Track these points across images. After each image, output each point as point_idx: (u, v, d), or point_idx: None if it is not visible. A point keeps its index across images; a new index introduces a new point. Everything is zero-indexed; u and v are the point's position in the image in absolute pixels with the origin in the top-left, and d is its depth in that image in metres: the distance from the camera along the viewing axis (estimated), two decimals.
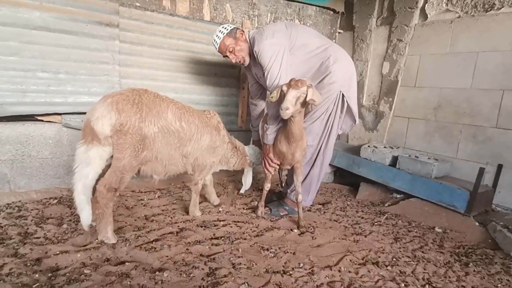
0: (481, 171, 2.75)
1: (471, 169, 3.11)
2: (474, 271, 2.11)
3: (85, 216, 1.93)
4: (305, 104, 2.12)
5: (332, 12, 4.36)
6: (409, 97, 3.73)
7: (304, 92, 2.08)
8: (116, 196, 2.07)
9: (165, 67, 3.21)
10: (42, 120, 2.70)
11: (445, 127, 3.42)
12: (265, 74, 2.42)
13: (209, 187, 2.82)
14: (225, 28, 2.52)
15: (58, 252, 1.87)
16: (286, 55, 2.41)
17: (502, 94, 2.99)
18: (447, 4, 3.34)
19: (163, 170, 2.29)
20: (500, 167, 2.98)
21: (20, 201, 2.53)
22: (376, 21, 4.03)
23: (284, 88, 2.13)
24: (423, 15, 3.55)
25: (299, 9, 4.04)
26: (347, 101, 2.61)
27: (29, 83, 2.58)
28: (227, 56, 2.60)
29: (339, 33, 4.50)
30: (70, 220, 2.30)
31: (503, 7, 2.97)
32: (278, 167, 2.63)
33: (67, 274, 1.69)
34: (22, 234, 2.04)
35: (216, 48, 2.58)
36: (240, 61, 2.60)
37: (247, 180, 2.85)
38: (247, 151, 2.81)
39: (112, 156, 2.02)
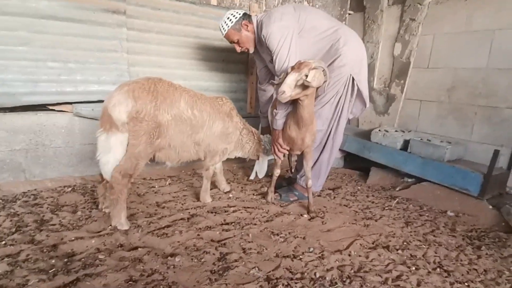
0: (496, 154, 2.69)
1: (486, 152, 3.04)
2: (486, 254, 2.10)
3: None
4: (306, 87, 2.05)
5: None
6: (421, 79, 3.64)
7: (306, 75, 2.01)
8: (130, 183, 2.12)
9: (173, 54, 3.20)
10: (54, 110, 2.74)
11: (459, 109, 3.34)
12: (274, 57, 2.39)
13: (218, 176, 2.84)
14: (230, 20, 2.51)
15: (73, 238, 1.92)
16: (294, 38, 2.37)
17: None
18: None
19: (176, 157, 2.35)
20: None
21: (35, 189, 2.59)
22: (388, 0, 3.90)
23: (289, 71, 2.09)
24: None
25: None
26: (357, 85, 2.56)
27: (40, 73, 2.60)
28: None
29: (349, 14, 4.38)
30: (84, 208, 2.35)
31: None
32: (287, 152, 2.62)
33: (83, 259, 1.74)
34: (38, 221, 2.10)
35: (222, 35, 2.62)
36: (244, 51, 2.68)
37: (262, 168, 2.85)
38: (262, 138, 2.82)
39: None
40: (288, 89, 2.02)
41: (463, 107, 3.30)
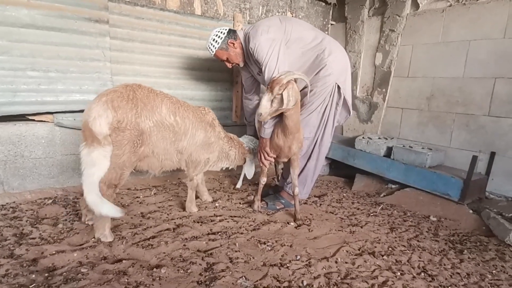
0: (474, 159, 2.78)
1: (465, 158, 3.14)
2: (468, 258, 2.14)
3: (109, 210, 1.89)
4: (282, 103, 2.09)
5: (324, 4, 4.34)
6: (402, 87, 3.74)
7: (279, 94, 2.05)
8: (116, 193, 2.07)
9: (157, 63, 3.18)
10: (34, 120, 2.67)
11: (439, 117, 3.44)
12: (263, 69, 2.42)
13: (200, 186, 2.81)
14: (216, 41, 2.56)
15: (54, 252, 1.86)
16: (282, 48, 2.41)
17: (494, 82, 3.01)
18: None
19: (159, 165, 2.31)
20: (493, 154, 3.02)
21: (14, 202, 2.51)
22: (368, 12, 4.01)
23: (266, 90, 2.13)
24: (415, 4, 3.55)
25: (290, 1, 4.01)
26: (343, 93, 2.61)
27: (19, 83, 2.53)
28: None
29: (331, 24, 4.49)
30: (66, 220, 2.28)
31: None
32: (274, 160, 2.63)
33: (64, 273, 1.69)
34: (17, 235, 2.03)
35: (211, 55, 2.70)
36: (235, 65, 2.76)
37: (250, 170, 2.83)
38: (242, 140, 2.82)
39: None
40: (265, 110, 2.07)
41: (442, 114, 3.41)
